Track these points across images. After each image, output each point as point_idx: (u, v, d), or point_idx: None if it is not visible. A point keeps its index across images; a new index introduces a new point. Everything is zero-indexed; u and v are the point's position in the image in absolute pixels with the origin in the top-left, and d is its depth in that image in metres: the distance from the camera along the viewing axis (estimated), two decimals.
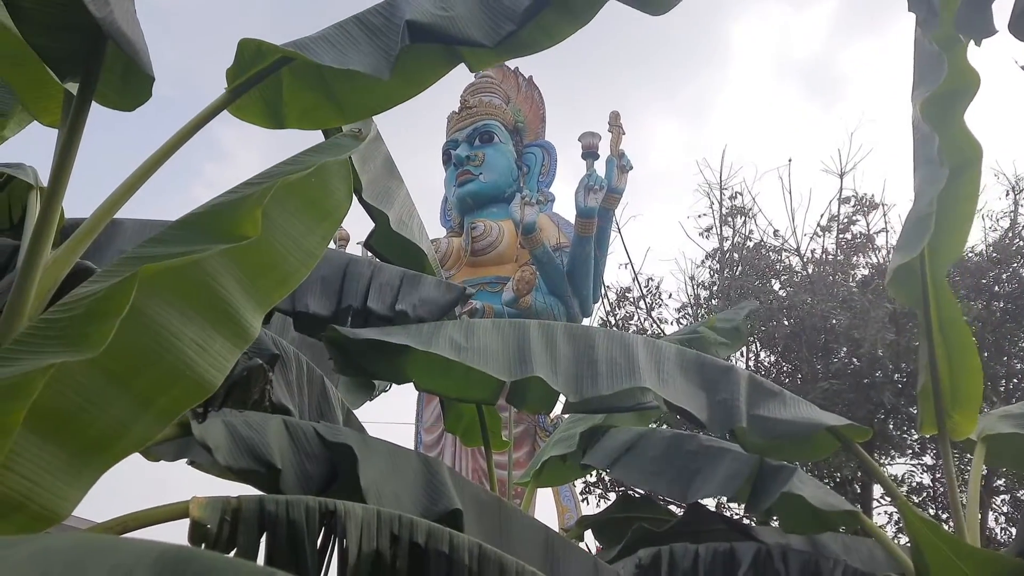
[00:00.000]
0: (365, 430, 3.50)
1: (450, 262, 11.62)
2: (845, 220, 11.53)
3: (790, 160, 12.21)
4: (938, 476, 10.04)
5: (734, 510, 9.76)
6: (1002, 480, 9.76)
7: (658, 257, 28.58)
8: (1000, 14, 3.13)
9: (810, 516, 3.90)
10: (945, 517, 9.30)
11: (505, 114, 12.21)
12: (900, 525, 9.64)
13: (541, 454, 5.35)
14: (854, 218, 11.53)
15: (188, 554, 0.91)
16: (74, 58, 2.20)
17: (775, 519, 4.29)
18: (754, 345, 10.94)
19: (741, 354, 10.96)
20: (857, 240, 11.45)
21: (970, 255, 10.28)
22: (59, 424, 1.66)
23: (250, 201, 1.73)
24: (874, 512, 9.81)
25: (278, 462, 2.60)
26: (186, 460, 3.47)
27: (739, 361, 10.92)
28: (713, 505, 8.48)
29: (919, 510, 8.78)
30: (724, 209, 12.18)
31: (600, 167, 10.75)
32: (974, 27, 3.22)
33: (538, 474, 5.26)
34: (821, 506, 3.73)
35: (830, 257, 11.45)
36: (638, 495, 8.72)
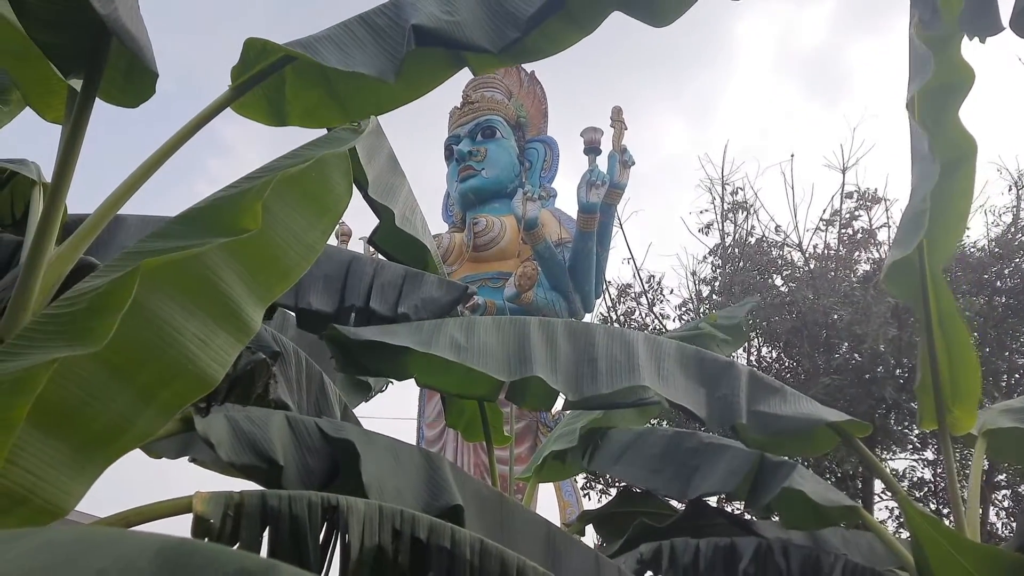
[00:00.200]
0: (361, 426, 3.52)
1: (452, 258, 11.62)
2: (847, 215, 11.53)
3: (792, 155, 12.23)
4: (939, 471, 10.06)
5: (735, 507, 9.78)
6: (1003, 475, 9.77)
7: (660, 253, 28.63)
8: (1001, 11, 3.13)
9: (810, 512, 3.91)
10: (946, 512, 9.31)
11: (507, 109, 12.18)
12: (901, 520, 9.66)
13: (542, 449, 5.36)
14: (856, 213, 11.53)
15: (190, 546, 0.91)
16: (78, 55, 2.21)
17: (775, 516, 4.29)
18: (756, 341, 10.95)
19: (743, 350, 10.97)
20: (859, 235, 11.45)
21: (972, 250, 10.28)
22: (62, 418, 1.67)
23: (250, 195, 1.74)
24: (875, 507, 9.83)
25: (280, 458, 2.61)
26: (188, 458, 3.49)
27: (741, 357, 10.93)
28: (714, 502, 8.48)
29: (920, 505, 8.80)
30: (726, 205, 12.18)
31: (602, 162, 10.73)
32: (979, 25, 3.23)
33: (539, 469, 5.27)
34: (821, 502, 3.74)
35: (832, 252, 11.44)
36: (639, 490, 8.74)
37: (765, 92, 28.53)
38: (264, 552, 2.17)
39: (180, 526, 2.22)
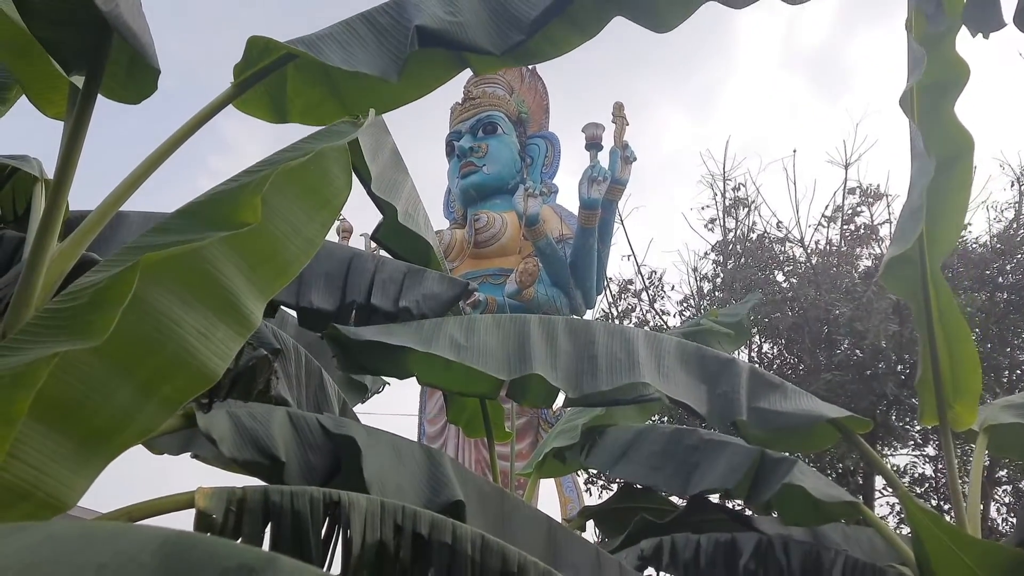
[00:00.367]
0: (360, 422, 3.52)
1: (453, 254, 11.61)
2: (849, 211, 11.52)
3: (795, 151, 12.21)
4: (940, 467, 10.06)
5: (736, 505, 9.78)
6: (1004, 471, 9.77)
7: (661, 249, 28.61)
8: (1004, 7, 3.14)
9: (811, 507, 3.92)
10: (947, 508, 9.32)
11: (508, 105, 12.17)
12: (902, 516, 9.67)
13: (543, 446, 5.36)
14: (858, 209, 11.52)
15: (191, 540, 0.92)
16: (80, 51, 2.21)
17: (775, 513, 4.30)
18: (757, 337, 10.95)
19: (744, 346, 10.96)
20: (861, 231, 11.44)
21: (974, 246, 10.27)
22: (65, 413, 1.68)
23: (249, 188, 1.74)
24: (876, 503, 9.83)
25: (282, 454, 2.62)
26: (190, 454, 3.49)
27: (742, 353, 10.93)
28: (715, 499, 8.49)
29: (921, 501, 8.80)
30: (727, 200, 12.18)
31: (604, 158, 10.72)
32: (982, 20, 3.23)
33: (540, 465, 5.28)
34: (822, 497, 3.74)
35: (834, 248, 11.44)
36: (640, 486, 8.74)
37: (768, 87, 28.47)
38: (266, 548, 2.18)
39: (183, 522, 2.23)
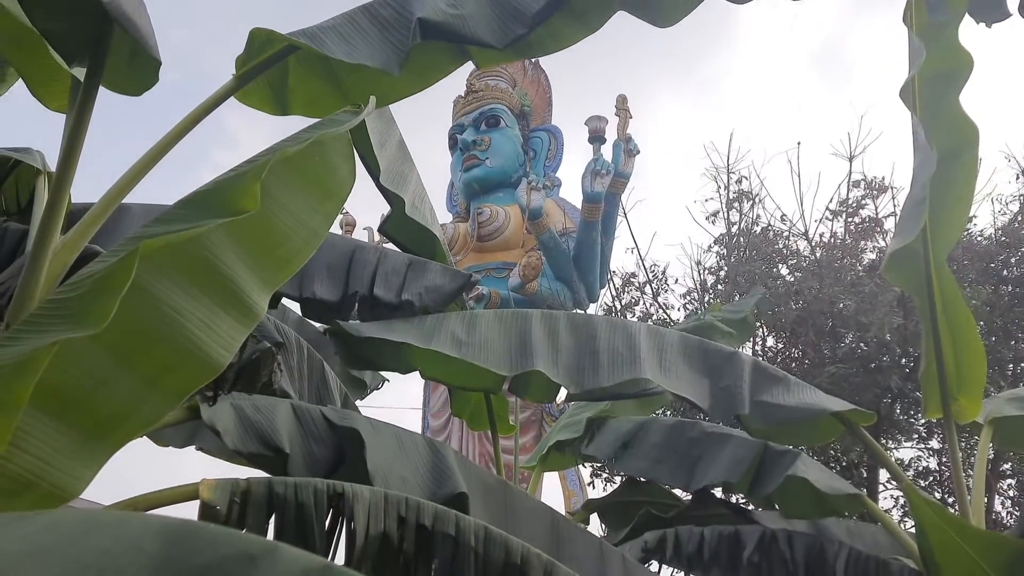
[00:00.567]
0: (361, 414, 3.53)
1: (457, 247, 11.61)
2: (854, 204, 11.48)
3: (799, 143, 12.18)
4: (944, 460, 10.05)
5: (739, 500, 9.79)
6: (1008, 464, 9.76)
7: (664, 242, 28.57)
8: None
9: (814, 500, 3.91)
10: (951, 501, 9.31)
11: (511, 98, 12.15)
12: (906, 509, 9.66)
13: (547, 439, 5.36)
14: (863, 201, 11.49)
15: (194, 528, 0.92)
16: (81, 42, 2.21)
17: (777, 507, 4.29)
18: (761, 330, 10.94)
19: (748, 340, 10.95)
20: (865, 224, 11.41)
21: (979, 239, 10.25)
22: (69, 404, 1.69)
23: (248, 176, 1.74)
24: (880, 496, 9.83)
25: (286, 446, 2.62)
26: (196, 447, 3.50)
27: (746, 347, 10.92)
28: (717, 494, 8.50)
29: (925, 494, 8.79)
30: (731, 193, 12.15)
31: (607, 151, 10.71)
32: (987, 10, 3.22)
33: (544, 458, 5.28)
34: (826, 490, 3.74)
35: (838, 241, 11.41)
36: (643, 479, 8.74)
37: (772, 80, 28.40)
38: (270, 539, 2.18)
39: (187, 514, 2.24)
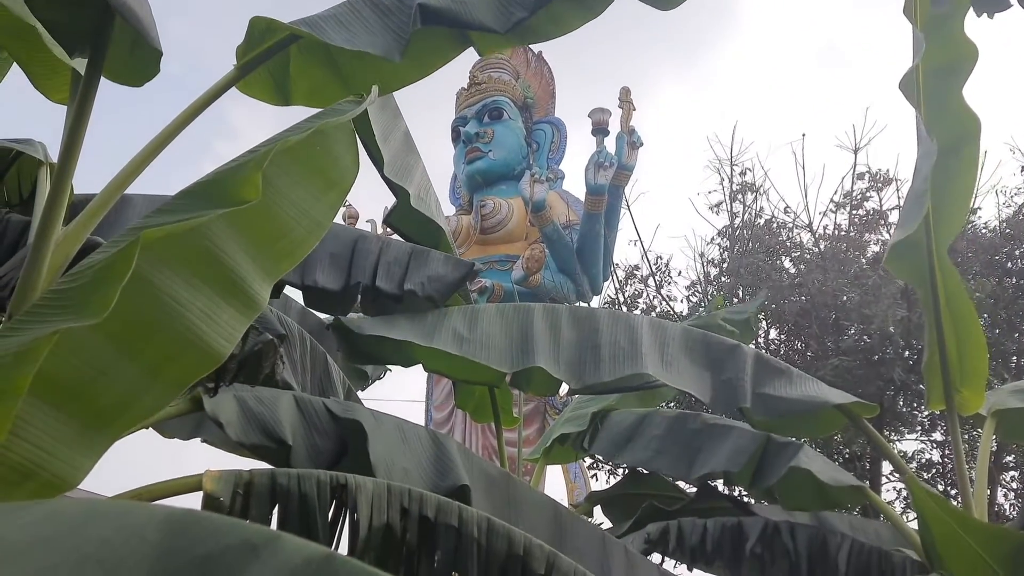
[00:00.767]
0: (364, 406, 3.53)
1: (460, 240, 11.60)
2: (858, 196, 11.45)
3: (804, 135, 12.13)
4: (947, 452, 10.04)
5: (742, 494, 9.80)
6: (1012, 456, 9.75)
7: (668, 234, 28.53)
8: None
9: (816, 492, 3.91)
10: (954, 493, 9.31)
11: (514, 90, 12.12)
12: (908, 502, 9.66)
13: (551, 432, 5.37)
14: (867, 194, 11.45)
15: (195, 517, 0.92)
16: (82, 33, 2.21)
17: (779, 499, 4.29)
18: (764, 323, 10.92)
19: None
20: (870, 216, 11.38)
21: (983, 231, 10.21)
22: (70, 394, 1.69)
23: (250, 165, 1.73)
24: (882, 489, 9.83)
25: (289, 437, 2.63)
26: (200, 439, 3.51)
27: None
28: (722, 487, 8.50)
29: (927, 486, 8.78)
30: (734, 185, 12.12)
31: (610, 144, 10.68)
32: (989, 1, 3.20)
33: (548, 451, 5.29)
34: (828, 481, 3.73)
35: (842, 233, 11.38)
36: (646, 471, 8.75)
37: (777, 69, 28.29)
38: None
39: (191, 505, 2.24)
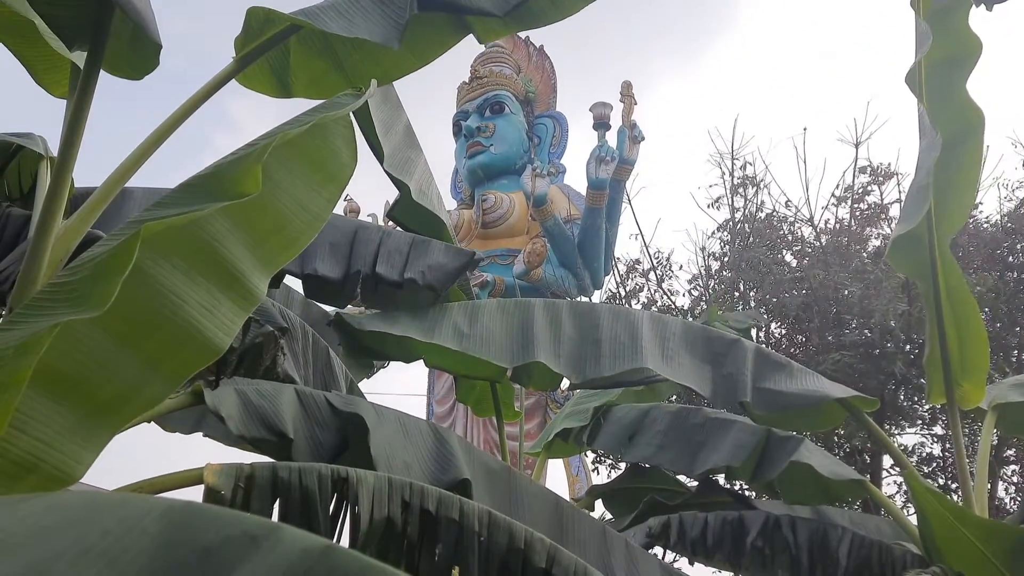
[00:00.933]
0: (367, 400, 3.53)
1: (461, 234, 11.60)
2: (860, 190, 11.43)
3: (805, 129, 12.12)
4: (948, 446, 10.04)
5: (743, 488, 9.80)
6: (1012, 450, 9.75)
7: (671, 228, 28.52)
8: None
9: (817, 486, 3.91)
10: (955, 487, 9.31)
11: (516, 84, 12.10)
12: (909, 495, 9.66)
13: (552, 426, 5.37)
14: (869, 188, 11.43)
15: (196, 509, 0.92)
16: (81, 26, 2.21)
17: (780, 493, 4.29)
18: (765, 317, 10.92)
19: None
20: (871, 210, 11.36)
21: (985, 225, 10.20)
22: (71, 387, 1.69)
23: (249, 159, 1.73)
24: (883, 483, 9.83)
25: (290, 431, 2.63)
26: (202, 434, 3.51)
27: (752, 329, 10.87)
28: (723, 482, 8.51)
29: (928, 480, 8.77)
30: (735, 179, 12.11)
31: (612, 138, 10.67)
32: None
33: (549, 446, 5.29)
34: (829, 475, 3.74)
35: (843, 227, 11.37)
36: (647, 465, 8.75)
37: (778, 65, 28.22)
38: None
39: (192, 499, 2.24)
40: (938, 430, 10.25)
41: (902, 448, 9.87)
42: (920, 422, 10.24)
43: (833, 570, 3.72)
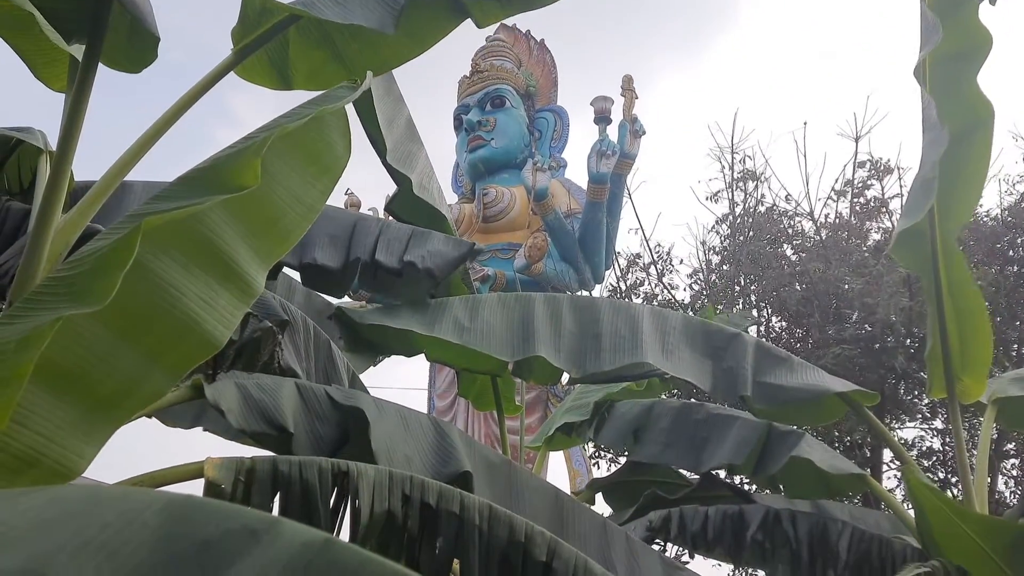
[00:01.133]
0: (369, 393, 3.53)
1: (462, 228, 11.60)
2: (860, 184, 11.42)
3: (805, 124, 12.10)
4: (948, 440, 10.04)
5: (744, 482, 9.81)
6: (1012, 444, 9.75)
7: (671, 222, 28.50)
8: None
9: (818, 480, 3.92)
10: (955, 481, 9.32)
11: (517, 78, 12.08)
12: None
13: (553, 420, 5.37)
14: (869, 182, 11.42)
15: (196, 502, 0.93)
16: (79, 19, 2.20)
17: (781, 487, 4.30)
18: (765, 311, 10.92)
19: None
20: (871, 204, 11.35)
21: (985, 219, 10.18)
22: (72, 381, 1.69)
23: (248, 152, 1.73)
24: (883, 476, 9.84)
25: (290, 425, 2.62)
26: (202, 428, 3.51)
27: (751, 328, 10.88)
28: (724, 475, 8.51)
29: (928, 475, 8.78)
30: (736, 173, 12.09)
31: (613, 132, 10.65)
32: None
33: (549, 440, 5.30)
34: (829, 470, 3.74)
35: (844, 222, 11.36)
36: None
37: (779, 60, 28.16)
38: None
39: (193, 493, 2.24)
40: (938, 424, 10.26)
41: (902, 442, 9.88)
42: (920, 416, 10.25)
43: (833, 564, 3.73)
